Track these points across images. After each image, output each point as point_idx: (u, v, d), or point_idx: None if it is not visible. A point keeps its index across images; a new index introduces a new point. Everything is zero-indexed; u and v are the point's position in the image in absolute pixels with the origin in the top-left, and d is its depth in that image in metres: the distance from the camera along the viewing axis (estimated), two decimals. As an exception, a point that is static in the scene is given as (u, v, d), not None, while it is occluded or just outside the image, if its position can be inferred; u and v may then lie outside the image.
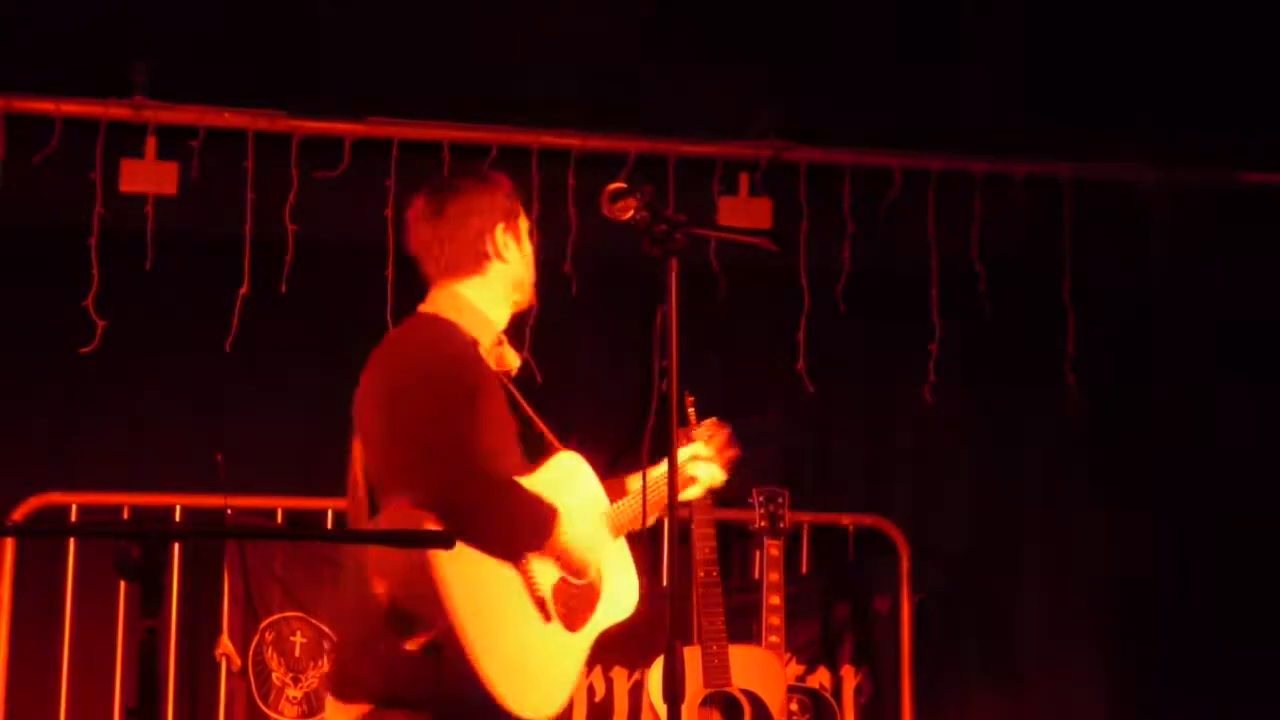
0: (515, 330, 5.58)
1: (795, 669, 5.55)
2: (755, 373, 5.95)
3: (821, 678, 5.63)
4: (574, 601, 3.44)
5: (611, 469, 3.66)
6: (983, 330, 5.93)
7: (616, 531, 3.57)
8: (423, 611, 3.21)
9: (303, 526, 5.60)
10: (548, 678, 3.38)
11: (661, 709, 3.19)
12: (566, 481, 3.51)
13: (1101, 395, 6.03)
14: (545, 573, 3.40)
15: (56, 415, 5.58)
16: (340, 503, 5.58)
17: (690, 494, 3.74)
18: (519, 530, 3.35)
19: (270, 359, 5.61)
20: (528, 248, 3.67)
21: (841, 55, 5.66)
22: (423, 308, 3.60)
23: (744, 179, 5.93)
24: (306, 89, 5.60)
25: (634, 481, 3.63)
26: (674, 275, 3.16)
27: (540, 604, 3.39)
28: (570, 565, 3.43)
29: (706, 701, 5.06)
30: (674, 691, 2.99)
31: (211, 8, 5.40)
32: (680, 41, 5.57)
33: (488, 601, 3.30)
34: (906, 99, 5.78)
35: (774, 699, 5.10)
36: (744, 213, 5.87)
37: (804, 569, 5.82)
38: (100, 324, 5.43)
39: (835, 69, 5.67)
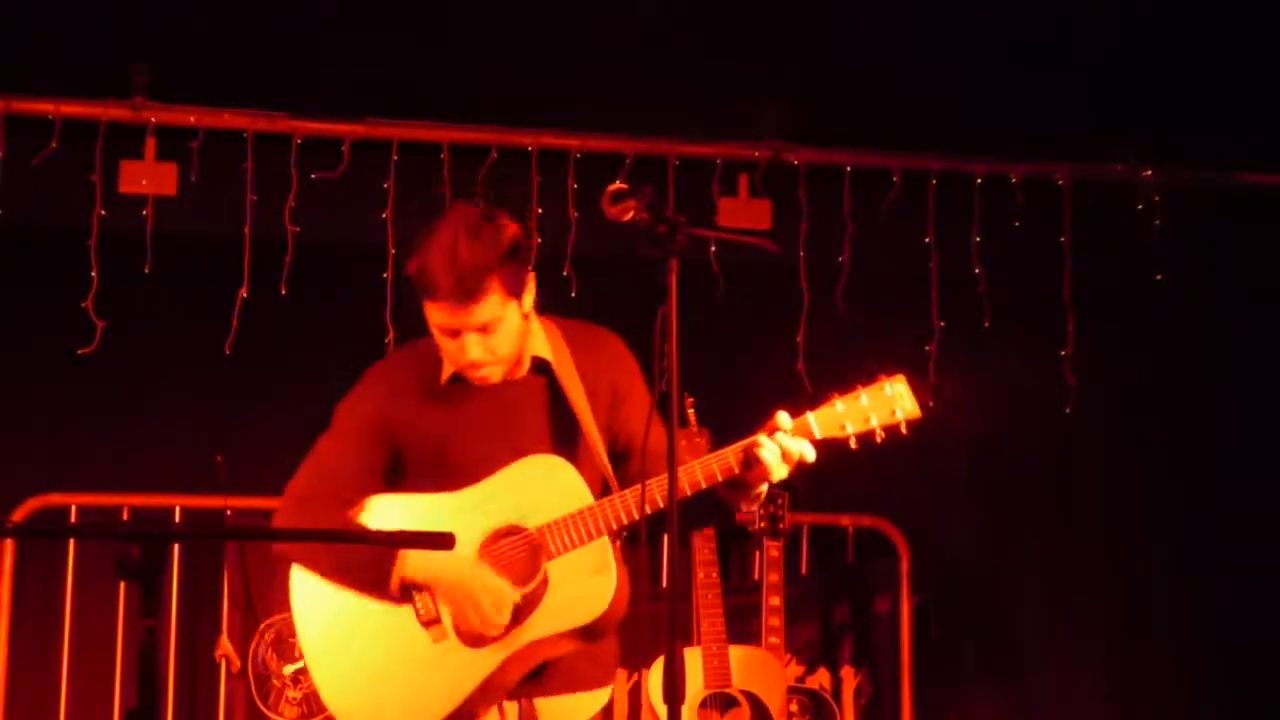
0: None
1: (795, 670, 5.55)
2: (755, 373, 5.95)
3: (821, 679, 5.62)
4: None
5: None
6: (982, 330, 5.93)
7: (571, 540, 3.44)
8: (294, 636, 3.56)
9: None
10: (409, 697, 3.43)
11: (661, 710, 3.19)
12: (480, 498, 3.49)
13: (1101, 394, 6.03)
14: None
15: (56, 415, 5.59)
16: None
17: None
18: (330, 567, 3.51)
19: (270, 359, 5.61)
20: (436, 336, 3.54)
21: (841, 55, 5.65)
22: None
23: (744, 180, 5.94)
24: (306, 89, 5.59)
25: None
26: (674, 276, 3.16)
27: (431, 622, 3.44)
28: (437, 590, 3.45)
29: (706, 702, 5.06)
30: (674, 692, 2.98)
31: (211, 8, 5.40)
32: (680, 42, 5.57)
33: (341, 625, 3.49)
34: (906, 99, 5.78)
35: (774, 700, 5.11)
36: (744, 213, 5.87)
37: (804, 570, 5.83)
38: (100, 324, 5.43)
39: (835, 69, 5.67)
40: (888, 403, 3.53)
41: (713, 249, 5.71)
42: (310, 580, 3.52)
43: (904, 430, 3.54)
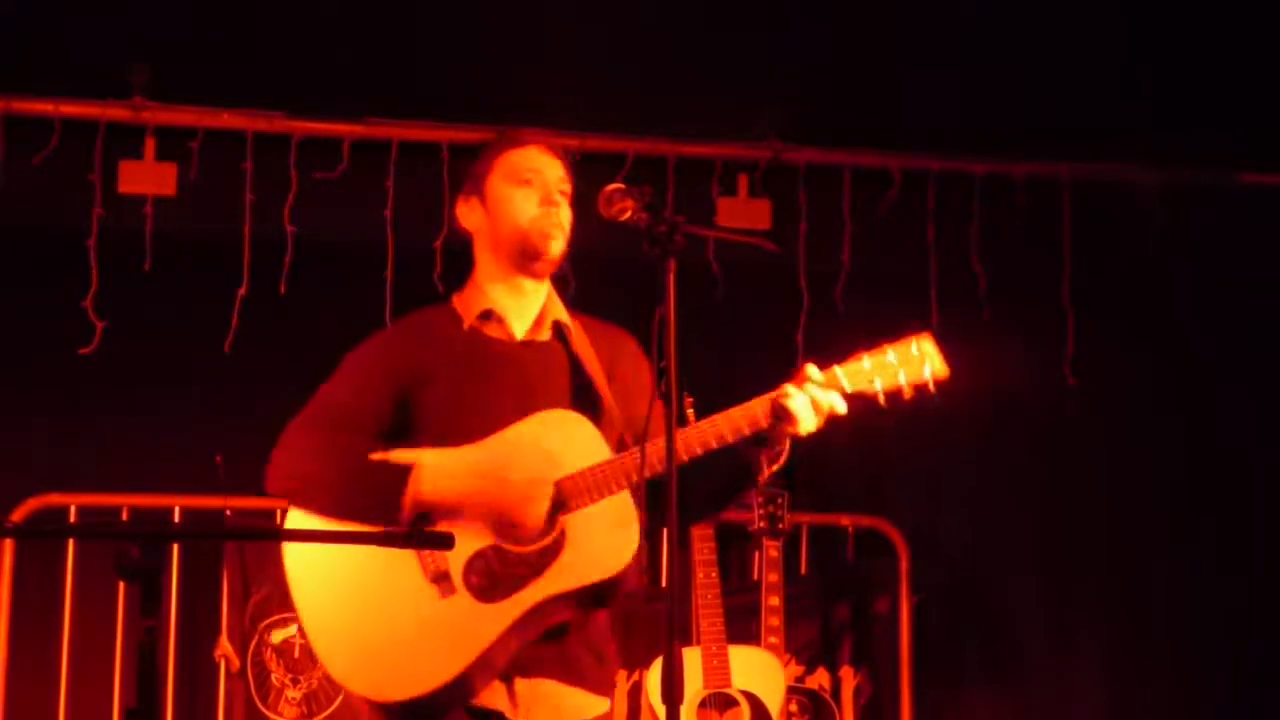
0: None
1: (795, 670, 5.55)
2: (755, 373, 5.94)
3: (821, 679, 5.62)
4: (507, 570, 3.31)
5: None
6: (982, 331, 5.93)
7: (591, 492, 3.34)
8: (282, 592, 3.38)
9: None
10: (414, 657, 3.28)
11: (661, 710, 3.17)
12: (511, 444, 3.36)
13: (1101, 395, 6.03)
14: (463, 544, 3.28)
15: (56, 415, 5.58)
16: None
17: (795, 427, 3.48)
18: (333, 494, 3.34)
19: (270, 359, 5.60)
20: (506, 195, 3.55)
21: (841, 55, 5.65)
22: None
23: (743, 180, 5.94)
24: (306, 89, 5.60)
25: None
26: (673, 276, 3.16)
27: (439, 577, 3.30)
28: (466, 520, 3.30)
29: (706, 703, 5.06)
30: (673, 692, 2.98)
31: (211, 8, 5.40)
32: (681, 42, 5.57)
33: (335, 579, 3.32)
34: (906, 99, 5.78)
35: (773, 700, 5.11)
36: (743, 213, 5.87)
37: (803, 570, 5.83)
38: (100, 324, 5.44)
39: (835, 69, 5.67)
40: (916, 361, 3.53)
41: (712, 249, 5.71)
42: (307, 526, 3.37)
43: (932, 389, 3.51)
